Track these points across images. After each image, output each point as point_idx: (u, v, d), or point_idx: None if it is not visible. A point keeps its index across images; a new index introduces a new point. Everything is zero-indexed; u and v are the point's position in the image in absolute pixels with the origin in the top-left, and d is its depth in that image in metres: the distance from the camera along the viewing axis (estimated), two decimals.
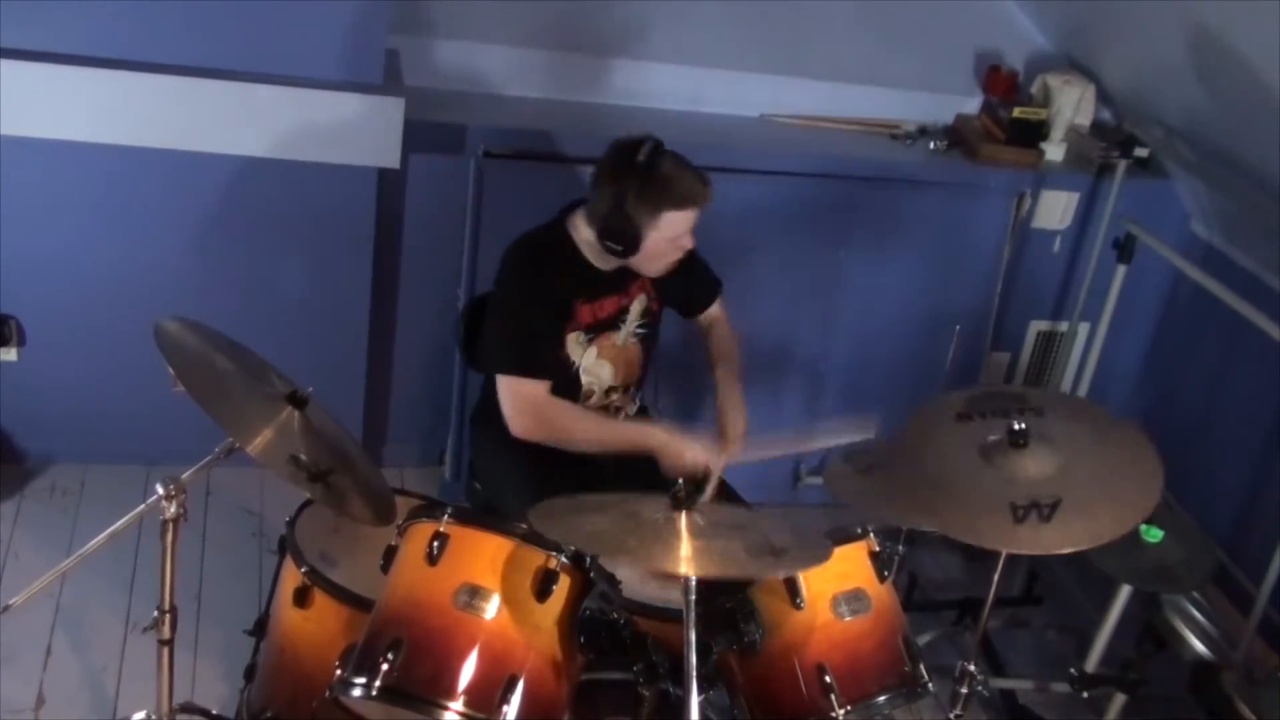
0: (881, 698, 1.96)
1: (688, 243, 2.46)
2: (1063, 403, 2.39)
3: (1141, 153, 3.41)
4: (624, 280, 2.57)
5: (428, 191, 3.25)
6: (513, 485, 2.47)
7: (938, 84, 3.68)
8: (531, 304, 2.45)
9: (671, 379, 2.89)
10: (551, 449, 2.44)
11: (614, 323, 2.58)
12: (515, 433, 2.41)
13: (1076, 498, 1.95)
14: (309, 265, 3.25)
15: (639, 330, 2.63)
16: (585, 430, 2.45)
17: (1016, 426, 2.01)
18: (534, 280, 2.47)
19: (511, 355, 2.42)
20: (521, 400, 2.40)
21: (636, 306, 2.61)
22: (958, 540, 3.37)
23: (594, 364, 2.57)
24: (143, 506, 2.00)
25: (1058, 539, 1.90)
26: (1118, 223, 3.42)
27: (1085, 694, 2.70)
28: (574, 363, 2.54)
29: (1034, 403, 2.13)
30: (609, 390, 2.60)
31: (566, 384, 2.54)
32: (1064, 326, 3.73)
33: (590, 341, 2.55)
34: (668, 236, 2.40)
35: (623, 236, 2.37)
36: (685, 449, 2.38)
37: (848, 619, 1.97)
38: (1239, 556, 3.33)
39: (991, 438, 2.05)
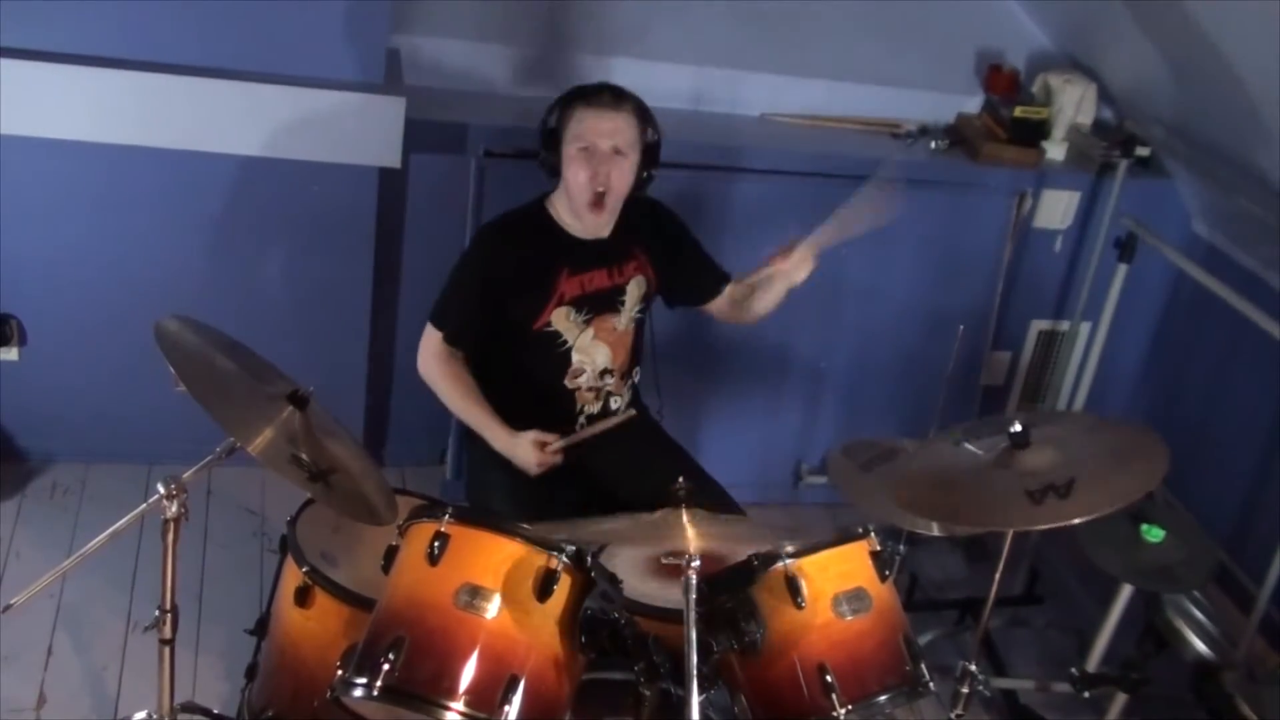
0: (883, 697, 1.95)
1: (594, 168, 2.44)
2: (1054, 416, 2.44)
3: (1143, 152, 3.42)
4: (616, 254, 2.59)
5: (429, 191, 3.25)
6: (506, 503, 2.48)
7: (939, 83, 3.68)
8: (475, 271, 2.55)
9: (673, 387, 2.88)
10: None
11: (612, 303, 2.60)
12: (421, 372, 2.58)
13: (1090, 474, 1.98)
14: (310, 265, 3.25)
15: (637, 315, 2.65)
16: (453, 405, 2.57)
17: (1016, 428, 2.04)
18: (492, 250, 2.56)
19: (436, 308, 2.57)
20: (426, 347, 2.57)
21: (635, 290, 2.63)
22: (961, 538, 3.41)
23: (589, 345, 2.59)
24: (144, 506, 2.00)
25: (1083, 507, 1.92)
26: (1119, 222, 3.42)
27: (1086, 694, 2.70)
28: (564, 339, 2.56)
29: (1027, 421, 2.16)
30: (603, 373, 2.62)
31: (555, 360, 2.57)
32: (1065, 326, 3.73)
33: (588, 323, 2.57)
34: (575, 136, 2.44)
35: (546, 136, 2.50)
36: (513, 455, 2.49)
37: (849, 618, 1.97)
38: (1240, 555, 3.33)
39: (993, 448, 2.08)
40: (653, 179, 2.57)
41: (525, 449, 2.45)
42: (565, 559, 1.88)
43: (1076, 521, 1.91)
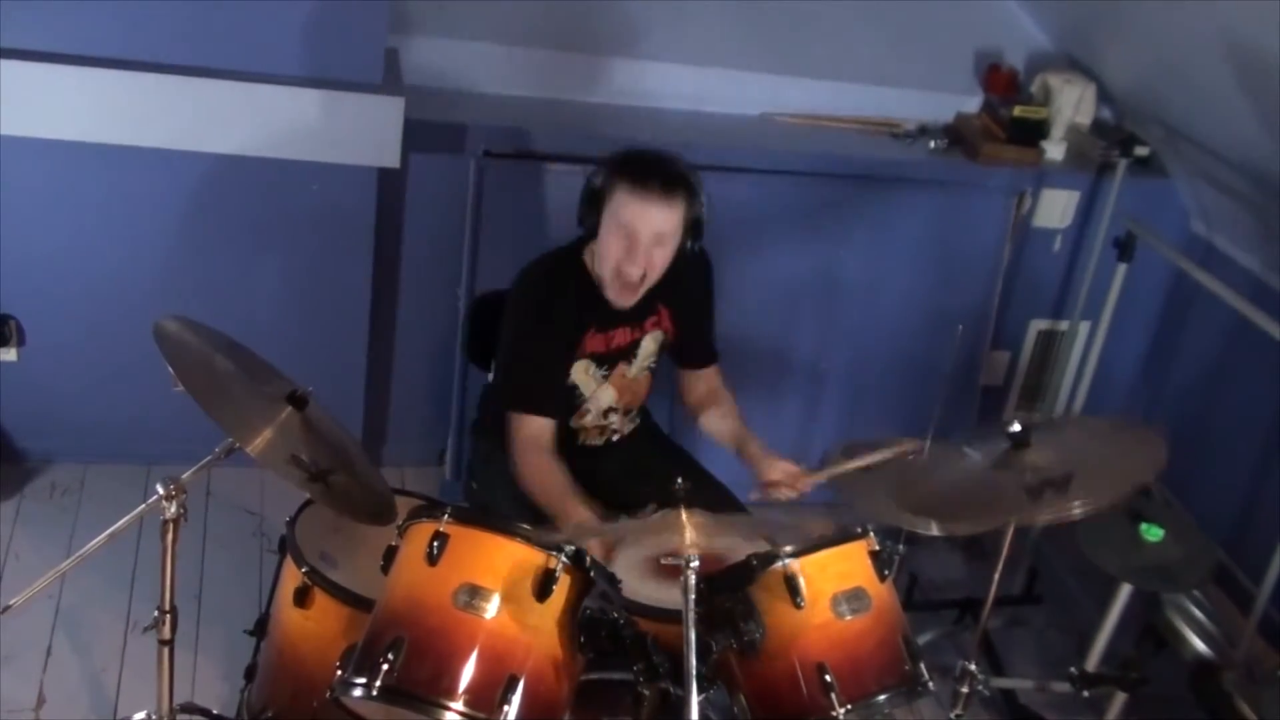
0: (882, 697, 1.95)
1: (632, 251, 2.33)
2: (1051, 422, 2.46)
3: (1142, 151, 3.42)
4: (641, 312, 2.54)
5: (428, 191, 3.25)
6: (509, 496, 2.48)
7: (938, 83, 3.68)
8: (543, 337, 2.45)
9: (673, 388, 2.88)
10: None
11: (627, 355, 2.57)
12: (516, 472, 2.40)
13: (1087, 468, 1.98)
14: (309, 265, 3.25)
15: (650, 365, 2.63)
16: (547, 505, 2.34)
17: (1016, 428, 2.04)
18: (545, 310, 2.45)
19: (520, 394, 2.44)
20: (527, 441, 2.40)
21: (650, 343, 2.60)
22: (960, 538, 3.41)
23: (600, 391, 2.57)
24: (143, 506, 2.00)
25: (1081, 500, 1.92)
26: (1118, 221, 3.42)
27: (1085, 693, 2.70)
28: (580, 391, 2.54)
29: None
30: (607, 411, 2.61)
31: (568, 405, 2.54)
32: (1064, 325, 3.73)
33: (605, 378, 2.55)
34: (616, 214, 2.33)
35: (590, 195, 2.38)
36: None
37: (848, 618, 1.97)
38: (1239, 555, 3.33)
39: (992, 452, 2.09)
40: (694, 250, 2.44)
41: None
42: (565, 559, 1.88)
43: (1077, 513, 1.92)
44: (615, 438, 2.66)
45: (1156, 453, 2.01)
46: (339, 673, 1.89)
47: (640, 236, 2.34)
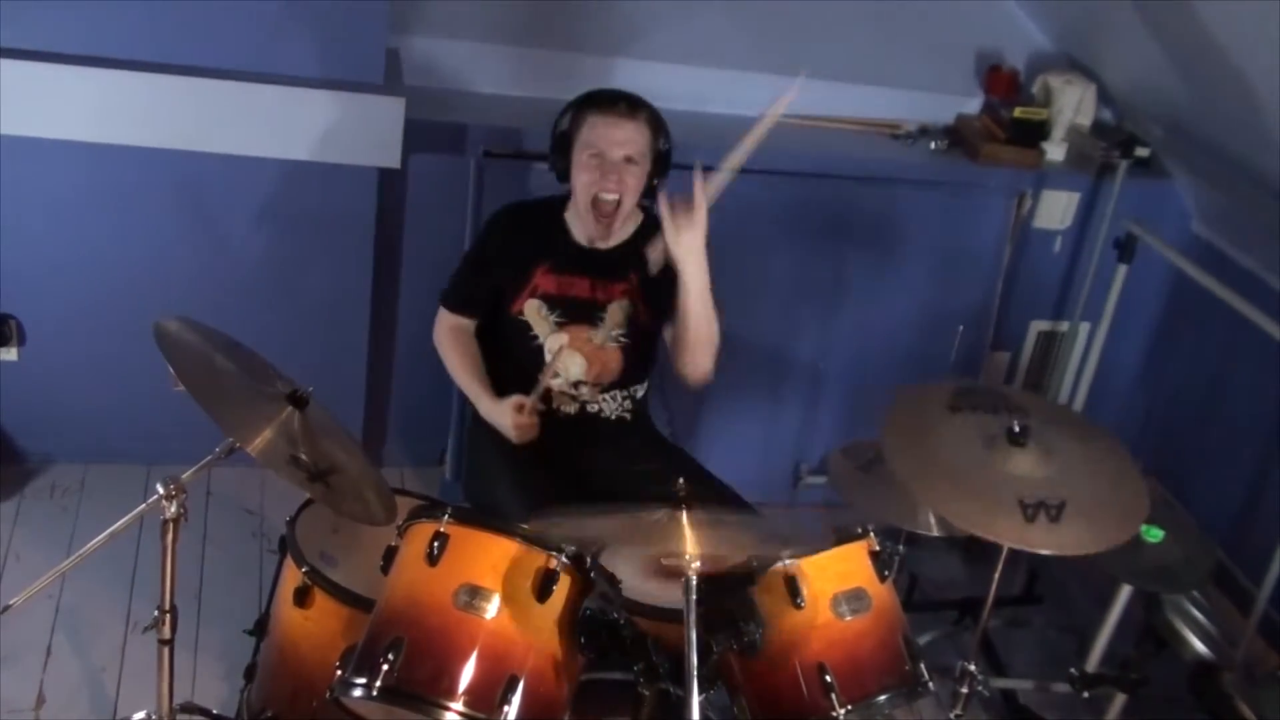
0: (882, 697, 1.96)
1: (605, 173, 2.45)
2: (1041, 405, 2.48)
3: (1142, 152, 3.41)
4: (607, 269, 2.57)
5: (428, 191, 3.25)
6: (504, 492, 2.49)
7: (938, 84, 3.68)
8: (484, 254, 2.65)
9: (673, 388, 2.88)
10: (546, 460, 2.55)
11: (589, 316, 2.59)
12: (439, 350, 2.70)
13: (1080, 501, 2.02)
14: (309, 265, 3.25)
15: (621, 337, 2.62)
16: (451, 371, 2.67)
17: (1015, 427, 2.05)
18: (498, 232, 2.64)
19: (448, 290, 2.68)
20: (439, 326, 2.68)
21: (618, 310, 2.60)
22: (959, 539, 3.41)
23: (568, 358, 2.60)
24: (143, 506, 2.00)
25: (1069, 541, 1.99)
26: (1119, 222, 3.42)
27: (1085, 694, 2.70)
28: (535, 334, 2.58)
29: (1016, 402, 2.25)
30: (577, 383, 2.61)
31: (527, 351, 2.59)
32: (1065, 326, 3.73)
33: (561, 327, 2.58)
34: (586, 143, 2.46)
35: (558, 139, 2.51)
36: (495, 421, 2.54)
37: (848, 618, 1.97)
38: (1239, 556, 3.33)
39: (990, 432, 2.11)
40: (662, 187, 2.53)
41: (504, 413, 2.50)
42: (565, 559, 1.88)
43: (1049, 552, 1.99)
44: (592, 409, 2.65)
45: (1140, 502, 2.09)
46: (339, 673, 1.89)
47: (610, 155, 2.45)
